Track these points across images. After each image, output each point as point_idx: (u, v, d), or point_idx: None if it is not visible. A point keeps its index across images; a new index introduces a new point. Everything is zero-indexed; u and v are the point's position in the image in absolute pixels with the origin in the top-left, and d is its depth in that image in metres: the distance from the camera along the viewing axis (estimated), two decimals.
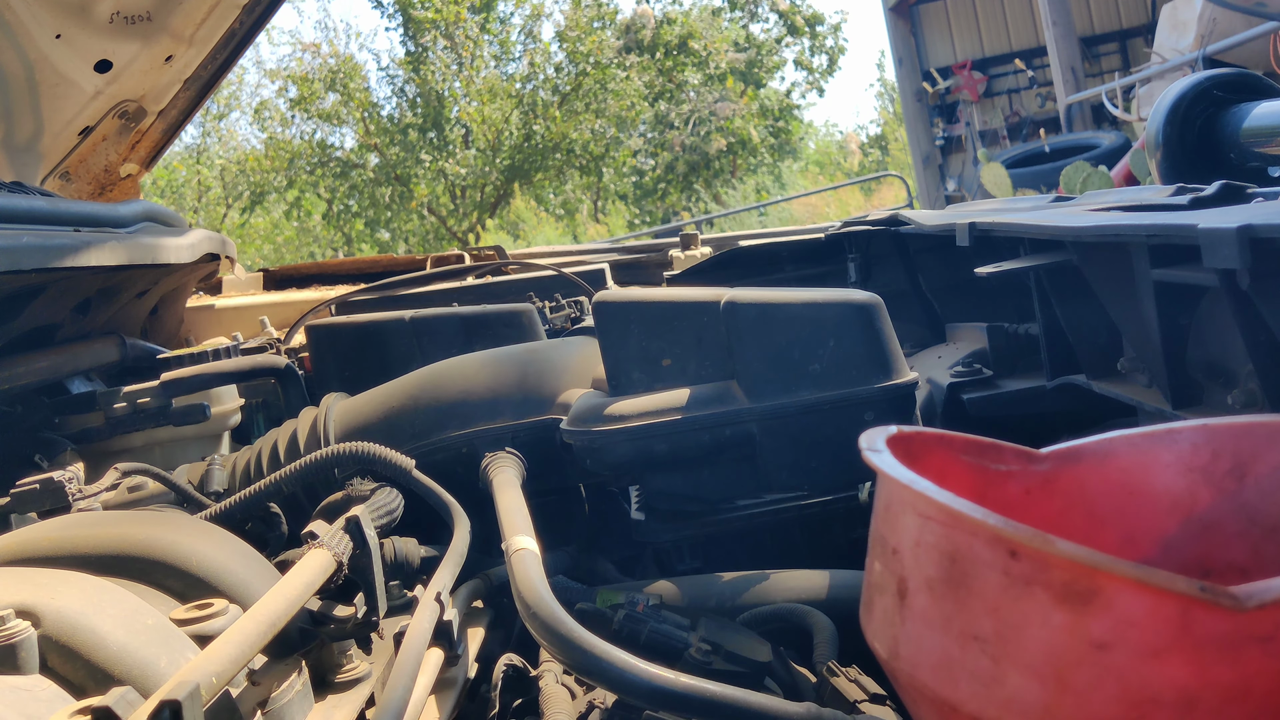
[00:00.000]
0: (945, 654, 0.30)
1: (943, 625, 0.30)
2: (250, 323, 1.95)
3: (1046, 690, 0.28)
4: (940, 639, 0.30)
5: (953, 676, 0.29)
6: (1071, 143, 9.01)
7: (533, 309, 1.41)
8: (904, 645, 0.32)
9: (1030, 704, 0.28)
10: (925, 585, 0.30)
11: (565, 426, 0.95)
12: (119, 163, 1.92)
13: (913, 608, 0.31)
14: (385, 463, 0.90)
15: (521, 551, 0.74)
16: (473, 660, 0.84)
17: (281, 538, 0.91)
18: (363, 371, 1.38)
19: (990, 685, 0.29)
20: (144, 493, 1.07)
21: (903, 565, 0.32)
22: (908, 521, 0.32)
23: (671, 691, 0.58)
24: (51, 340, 1.38)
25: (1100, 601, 0.27)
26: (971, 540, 0.28)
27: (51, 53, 1.63)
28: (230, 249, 1.89)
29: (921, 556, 0.30)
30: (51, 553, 0.64)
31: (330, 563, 0.68)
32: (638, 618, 0.85)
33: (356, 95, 14.45)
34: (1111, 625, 0.27)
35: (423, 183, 14.11)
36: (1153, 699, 0.26)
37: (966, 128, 11.87)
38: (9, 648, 0.50)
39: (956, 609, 0.30)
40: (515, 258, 2.14)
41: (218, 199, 15.34)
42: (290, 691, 0.64)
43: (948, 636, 0.30)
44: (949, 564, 0.29)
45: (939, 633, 0.30)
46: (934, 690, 0.30)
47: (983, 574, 0.28)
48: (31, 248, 1.09)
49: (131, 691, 0.47)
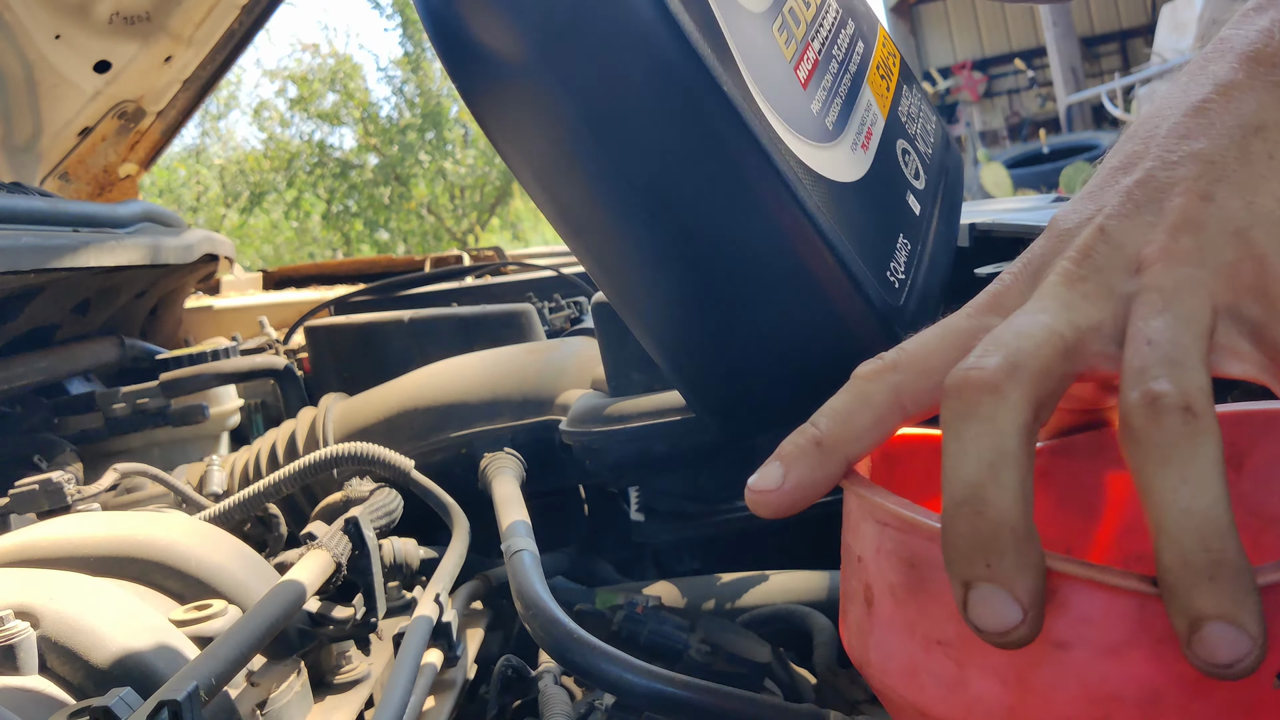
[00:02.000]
0: (911, 659, 0.30)
1: (906, 630, 0.30)
2: (249, 323, 1.95)
3: (1009, 691, 0.28)
4: (905, 644, 0.30)
5: (919, 681, 0.30)
6: (1071, 143, 9.01)
7: (532, 309, 1.41)
8: (874, 652, 0.32)
9: (994, 706, 0.28)
10: (889, 591, 0.31)
11: (564, 427, 0.95)
12: (118, 163, 1.92)
13: (879, 614, 0.31)
14: (384, 463, 0.90)
15: (520, 552, 0.74)
16: (472, 661, 0.84)
17: (280, 539, 0.91)
18: (361, 372, 1.38)
19: (955, 689, 0.29)
20: (143, 493, 1.07)
21: (867, 572, 0.32)
22: (867, 529, 0.32)
23: (671, 693, 0.58)
24: (50, 341, 1.38)
25: (1057, 601, 0.27)
26: (929, 545, 0.29)
27: (50, 53, 1.63)
28: (229, 249, 1.89)
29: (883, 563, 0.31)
30: (50, 553, 0.64)
31: (329, 564, 0.68)
32: (637, 619, 0.85)
33: (356, 95, 14.46)
34: (1069, 624, 0.27)
35: (422, 183, 14.11)
36: (1115, 695, 0.27)
37: (966, 128, 11.87)
38: (8, 648, 0.50)
39: (919, 614, 0.30)
40: (514, 258, 2.14)
41: (216, 199, 15.34)
42: (289, 692, 0.64)
43: (912, 641, 0.30)
44: (909, 570, 0.30)
45: (904, 638, 0.30)
46: (902, 695, 0.30)
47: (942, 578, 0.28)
48: (31, 248, 1.09)
49: (130, 693, 0.47)
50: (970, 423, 0.29)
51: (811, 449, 0.33)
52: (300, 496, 1.07)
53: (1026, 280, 0.35)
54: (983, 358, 0.30)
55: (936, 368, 0.34)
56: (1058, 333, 0.31)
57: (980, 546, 0.27)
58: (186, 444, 1.46)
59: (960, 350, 0.33)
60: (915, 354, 0.34)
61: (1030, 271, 0.36)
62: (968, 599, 0.27)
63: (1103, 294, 0.32)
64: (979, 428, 0.29)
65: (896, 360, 0.34)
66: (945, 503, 0.28)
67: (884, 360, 0.35)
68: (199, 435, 1.47)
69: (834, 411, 0.34)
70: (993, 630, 0.27)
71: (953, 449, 0.29)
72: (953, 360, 0.32)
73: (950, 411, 0.30)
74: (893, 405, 0.34)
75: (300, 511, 1.06)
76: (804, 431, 0.34)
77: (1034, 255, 0.36)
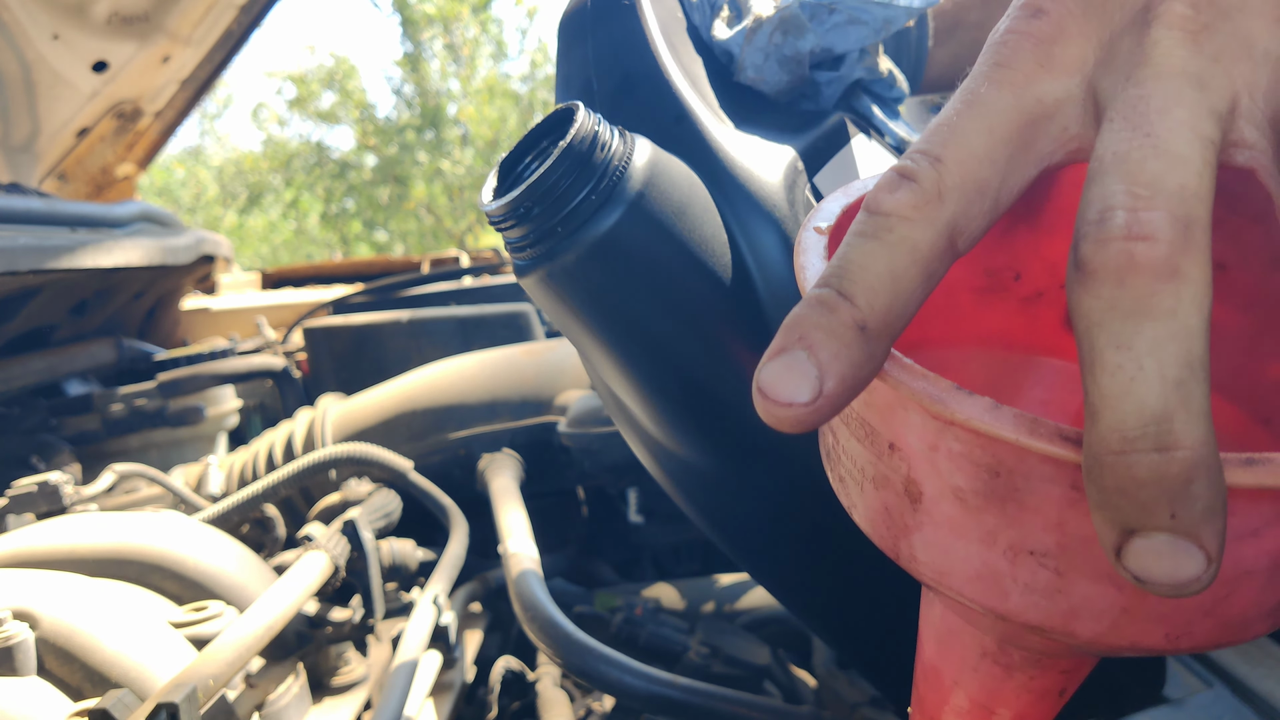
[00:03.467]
0: (988, 566, 0.25)
1: (983, 539, 0.25)
2: (247, 324, 1.94)
3: (1124, 592, 0.24)
4: (980, 551, 0.25)
5: (1001, 589, 0.25)
6: None
7: (531, 310, 1.40)
8: (923, 550, 0.27)
9: (1104, 608, 0.24)
10: (950, 493, 0.25)
11: (563, 429, 0.95)
12: (115, 163, 1.92)
13: (933, 514, 0.26)
14: (382, 464, 0.89)
15: (519, 554, 0.74)
16: (470, 663, 0.84)
17: (278, 540, 0.91)
18: (360, 373, 1.38)
19: (1053, 596, 0.25)
20: (140, 494, 1.06)
21: (909, 465, 0.26)
22: (912, 419, 0.25)
23: (670, 695, 0.58)
24: (48, 341, 1.38)
25: None
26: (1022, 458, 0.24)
27: (49, 53, 1.62)
28: (227, 250, 1.89)
29: (942, 464, 0.25)
30: (48, 555, 0.64)
31: (327, 565, 0.68)
32: (636, 621, 0.85)
33: (354, 95, 14.45)
34: None
35: (420, 183, 14.11)
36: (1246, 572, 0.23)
37: None
38: (6, 650, 0.50)
39: (1004, 523, 0.25)
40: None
41: (214, 199, 15.33)
42: (287, 694, 0.63)
43: (991, 550, 0.25)
44: (989, 477, 0.24)
45: (977, 545, 0.25)
46: (975, 599, 0.26)
47: (1041, 490, 0.23)
48: (28, 248, 1.09)
49: (129, 694, 0.47)
50: (1145, 324, 0.21)
51: (854, 336, 0.23)
52: (298, 498, 1.07)
53: (1086, 13, 0.25)
54: (1140, 211, 0.21)
55: (991, 181, 0.25)
56: (1210, 141, 0.22)
57: (1166, 494, 0.20)
58: (184, 445, 1.45)
59: (1021, 148, 0.25)
60: (963, 167, 0.24)
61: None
62: (1131, 547, 0.21)
63: (1242, 53, 0.23)
64: (1158, 329, 0.20)
65: (940, 182, 0.24)
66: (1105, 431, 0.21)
67: (920, 183, 0.24)
68: (196, 436, 1.47)
69: (872, 274, 0.24)
70: (1166, 582, 0.21)
71: (1115, 361, 0.21)
72: (1014, 167, 0.25)
73: (1106, 305, 0.21)
74: (945, 252, 0.24)
75: (298, 513, 1.06)
76: (834, 307, 0.24)
77: None
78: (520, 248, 0.44)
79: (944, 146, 0.24)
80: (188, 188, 15.28)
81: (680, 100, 0.48)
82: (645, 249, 0.43)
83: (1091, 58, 0.25)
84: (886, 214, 0.24)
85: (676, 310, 0.45)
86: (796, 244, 0.30)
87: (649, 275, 0.44)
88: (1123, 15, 0.25)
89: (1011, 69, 0.25)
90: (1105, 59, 0.25)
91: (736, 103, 0.52)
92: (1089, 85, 0.25)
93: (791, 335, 0.24)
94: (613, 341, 0.46)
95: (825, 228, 0.31)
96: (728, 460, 0.49)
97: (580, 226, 0.43)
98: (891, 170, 0.25)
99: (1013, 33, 0.26)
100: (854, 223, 0.25)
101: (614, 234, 0.43)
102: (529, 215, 0.43)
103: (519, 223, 0.43)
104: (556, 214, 0.43)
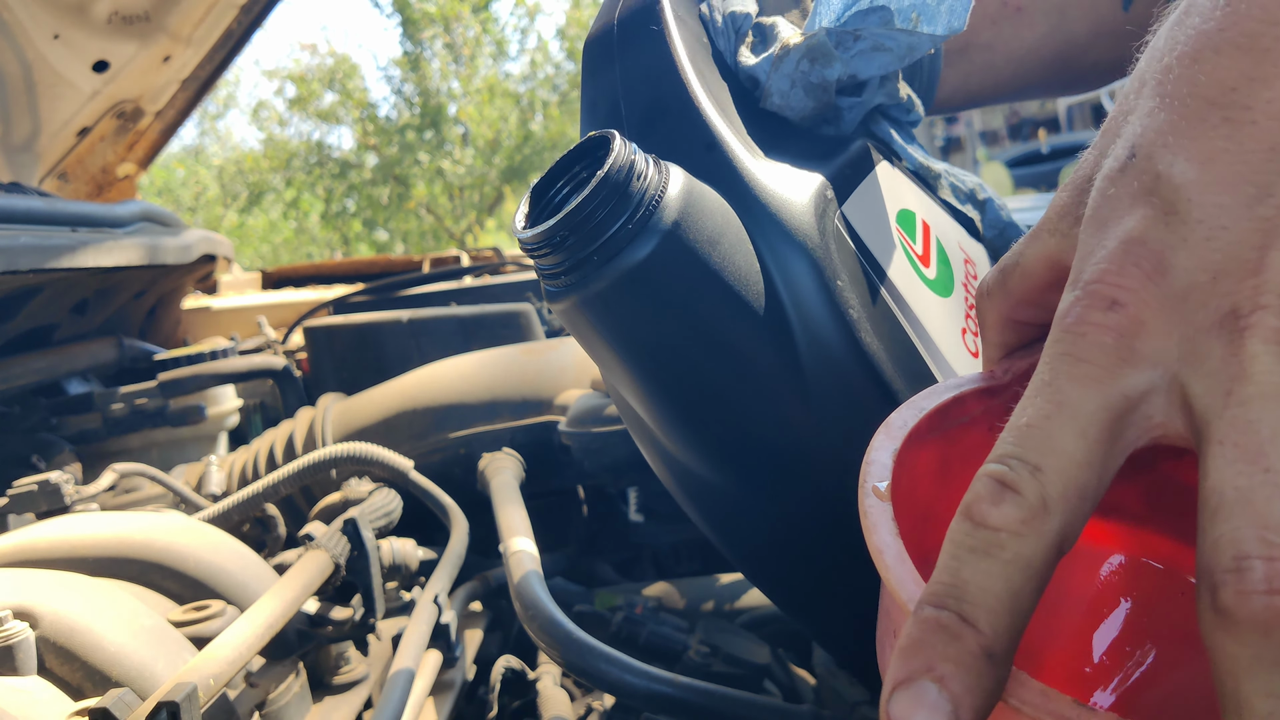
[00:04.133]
0: None
1: None
2: (248, 323, 1.94)
3: None
4: None
5: None
6: (1071, 143, 9.02)
7: (531, 309, 1.41)
8: None
9: None
10: None
11: (563, 428, 0.95)
12: (116, 163, 1.92)
13: None
14: (383, 464, 0.90)
15: (519, 553, 0.74)
16: (471, 662, 0.84)
17: (279, 539, 0.91)
18: (360, 372, 1.38)
19: None
20: (141, 494, 1.06)
21: None
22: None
23: (670, 694, 0.58)
24: (49, 341, 1.38)
25: None
26: None
27: (49, 53, 1.62)
28: (228, 249, 1.89)
29: None
30: (49, 554, 0.64)
31: (328, 564, 0.68)
32: (636, 620, 0.85)
33: (354, 94, 14.45)
34: None
35: (420, 183, 14.11)
36: None
37: (967, 128, 11.87)
38: (7, 649, 0.50)
39: None
40: (513, 258, 2.13)
41: (215, 199, 15.34)
42: (288, 693, 0.64)
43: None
44: None
45: None
46: None
47: None
48: (29, 248, 1.09)
49: (129, 693, 0.47)
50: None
51: (984, 666, 0.23)
52: (299, 497, 1.07)
53: (1164, 307, 0.25)
54: (1277, 562, 0.21)
55: (1091, 484, 0.24)
56: None
57: None
58: (185, 444, 1.45)
59: (1111, 443, 0.25)
60: (1064, 475, 0.24)
61: (1155, 270, 0.25)
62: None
63: None
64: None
65: (1044, 493, 0.24)
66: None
67: (1024, 495, 0.24)
68: (197, 435, 1.47)
69: (992, 596, 0.23)
70: None
71: (1265, 709, 0.21)
72: (1108, 464, 0.25)
73: (1253, 655, 0.21)
74: (1055, 561, 0.24)
75: (299, 512, 1.06)
76: (958, 635, 0.23)
77: (1151, 247, 0.25)
78: (553, 275, 0.44)
79: (1041, 455, 0.24)
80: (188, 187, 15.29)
81: (711, 128, 0.48)
82: (678, 279, 0.43)
83: (1174, 351, 0.25)
84: (995, 529, 0.24)
85: (708, 340, 0.44)
86: (862, 511, 0.29)
87: (681, 305, 0.43)
88: (1205, 315, 0.24)
89: (1093, 364, 0.25)
90: (1189, 356, 0.25)
91: (761, 128, 0.51)
92: (1173, 379, 0.25)
93: (916, 663, 0.23)
94: (643, 370, 0.46)
95: (884, 489, 0.30)
96: (758, 489, 0.49)
97: (614, 256, 0.42)
98: (989, 479, 0.24)
99: (1090, 325, 0.25)
100: (956, 532, 0.24)
101: (648, 264, 0.42)
102: (564, 244, 0.43)
103: (553, 251, 0.43)
104: (591, 244, 0.42)
